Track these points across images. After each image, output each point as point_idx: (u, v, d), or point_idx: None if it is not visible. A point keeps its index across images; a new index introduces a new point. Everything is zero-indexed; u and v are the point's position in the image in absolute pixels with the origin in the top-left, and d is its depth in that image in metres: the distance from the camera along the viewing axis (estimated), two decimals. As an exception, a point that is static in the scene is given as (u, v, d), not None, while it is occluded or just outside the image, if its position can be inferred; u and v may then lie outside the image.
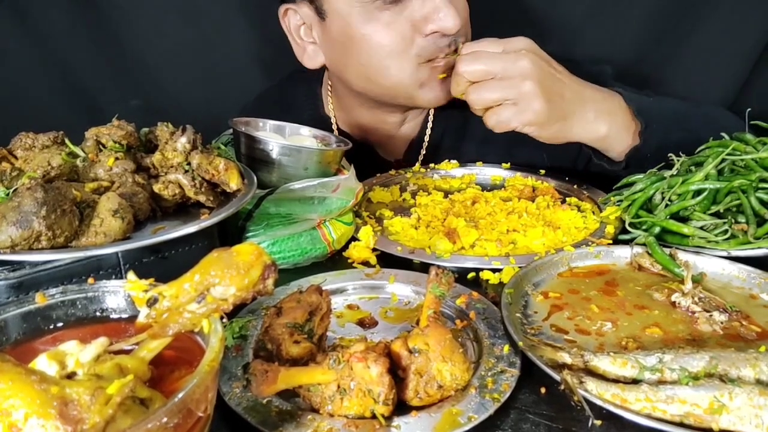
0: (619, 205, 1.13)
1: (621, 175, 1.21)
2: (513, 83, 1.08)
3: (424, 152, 1.48)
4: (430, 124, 1.46)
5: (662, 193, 1.08)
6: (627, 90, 1.22)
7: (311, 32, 1.33)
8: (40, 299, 0.60)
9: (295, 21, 1.34)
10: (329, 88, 1.49)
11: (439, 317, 0.72)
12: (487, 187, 1.35)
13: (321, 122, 1.47)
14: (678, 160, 1.11)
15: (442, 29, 1.18)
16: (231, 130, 1.13)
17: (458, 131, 1.47)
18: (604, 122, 1.16)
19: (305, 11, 1.30)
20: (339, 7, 1.23)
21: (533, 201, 1.22)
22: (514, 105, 1.09)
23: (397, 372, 0.66)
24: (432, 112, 1.45)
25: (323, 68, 1.39)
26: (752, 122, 1.13)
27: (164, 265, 0.83)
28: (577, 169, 1.41)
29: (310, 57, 1.36)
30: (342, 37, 1.27)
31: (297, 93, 1.54)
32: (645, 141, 1.15)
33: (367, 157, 1.49)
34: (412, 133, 1.48)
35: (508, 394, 0.66)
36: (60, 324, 0.61)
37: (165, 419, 0.44)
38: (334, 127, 1.49)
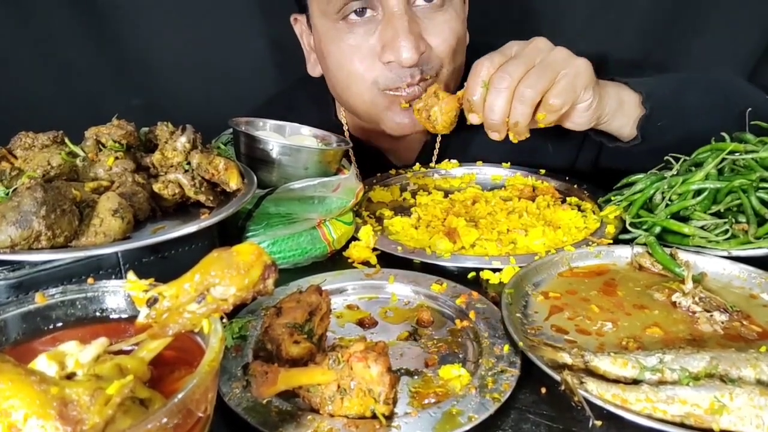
0: (619, 205, 1.13)
1: (639, 155, 1.13)
2: (561, 63, 0.96)
3: (436, 159, 1.47)
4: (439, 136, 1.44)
5: (662, 192, 1.08)
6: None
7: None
8: (40, 299, 0.60)
9: (300, 29, 1.37)
10: None
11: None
12: (487, 187, 1.35)
13: (333, 128, 1.46)
14: (678, 160, 1.11)
15: (398, 60, 1.16)
16: (231, 130, 1.13)
17: (464, 130, 1.46)
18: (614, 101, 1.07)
19: (305, 21, 1.34)
20: (316, 23, 1.27)
21: (533, 201, 1.21)
22: (569, 79, 0.96)
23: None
24: None
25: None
26: (752, 122, 1.13)
27: (164, 264, 0.83)
28: (580, 164, 1.39)
29: (312, 66, 1.39)
30: (319, 51, 1.30)
31: (307, 98, 1.54)
32: (652, 108, 1.06)
33: (377, 161, 1.49)
34: (418, 141, 1.46)
35: (508, 394, 0.66)
36: (60, 324, 0.61)
37: (165, 420, 0.44)
38: (346, 132, 1.48)
